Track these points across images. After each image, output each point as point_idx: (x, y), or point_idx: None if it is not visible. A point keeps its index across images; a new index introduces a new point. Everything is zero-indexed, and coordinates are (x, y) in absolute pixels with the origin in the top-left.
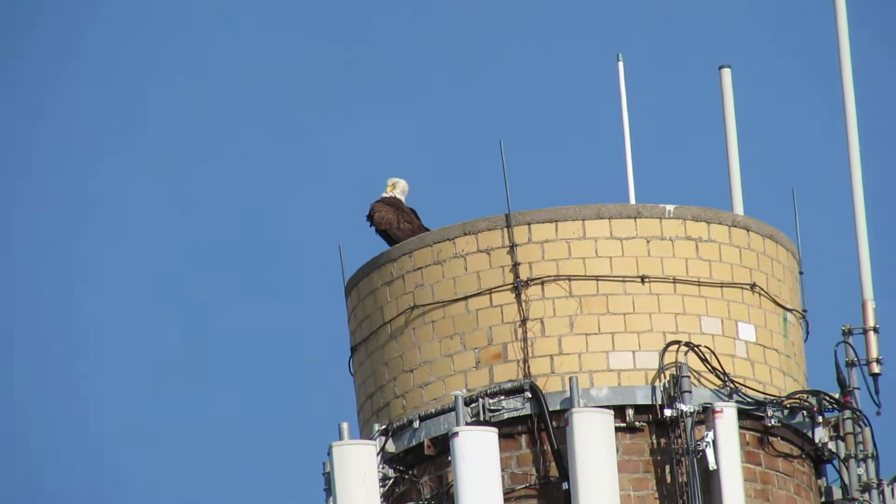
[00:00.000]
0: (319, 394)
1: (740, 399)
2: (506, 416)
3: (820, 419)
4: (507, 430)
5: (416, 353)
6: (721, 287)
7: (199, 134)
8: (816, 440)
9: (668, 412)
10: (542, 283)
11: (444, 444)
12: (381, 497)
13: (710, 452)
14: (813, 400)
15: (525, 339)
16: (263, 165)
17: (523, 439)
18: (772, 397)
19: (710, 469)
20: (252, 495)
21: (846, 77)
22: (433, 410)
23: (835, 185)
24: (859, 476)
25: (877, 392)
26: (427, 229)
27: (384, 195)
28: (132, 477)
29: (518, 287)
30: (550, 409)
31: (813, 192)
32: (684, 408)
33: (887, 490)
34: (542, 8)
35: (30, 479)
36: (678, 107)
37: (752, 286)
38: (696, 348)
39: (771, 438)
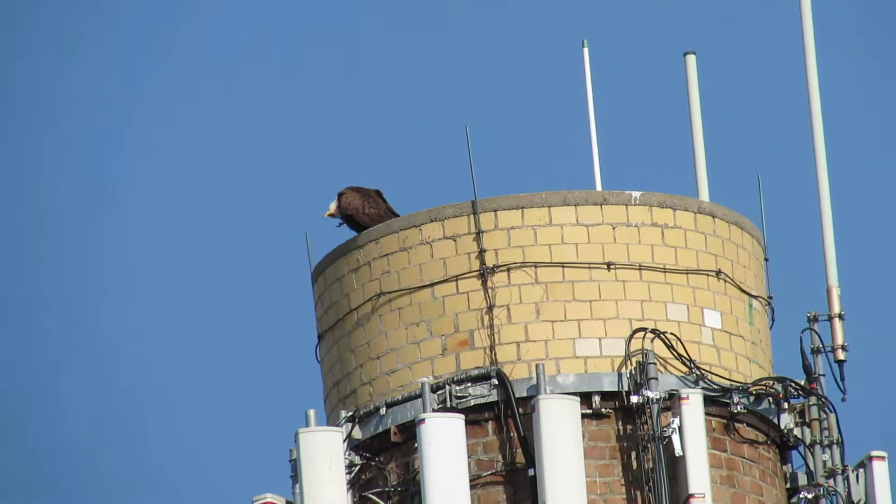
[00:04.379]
0: (286, 381)
1: (706, 386)
2: (472, 402)
3: (785, 406)
4: (474, 417)
5: (382, 340)
6: (687, 274)
7: (163, 120)
8: (782, 426)
9: (634, 399)
10: (509, 270)
11: (410, 431)
12: (347, 484)
13: (676, 439)
14: (778, 386)
15: (491, 326)
16: (229, 152)
17: (490, 426)
18: (737, 384)
19: (677, 455)
20: (219, 482)
21: (810, 64)
22: (400, 397)
23: (800, 172)
24: (824, 462)
25: (842, 379)
26: (394, 211)
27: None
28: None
29: (484, 274)
30: (517, 395)
31: (778, 179)
32: (650, 394)
33: (852, 476)
34: None
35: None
36: (644, 93)
37: (718, 273)
38: (662, 335)
39: (737, 425)
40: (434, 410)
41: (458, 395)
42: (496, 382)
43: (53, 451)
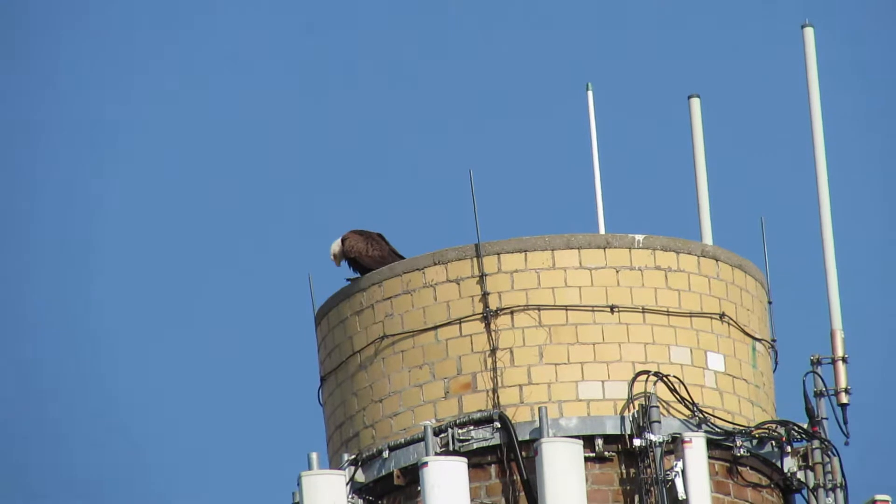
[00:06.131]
0: (288, 424)
1: (709, 429)
2: (475, 445)
3: (789, 449)
4: (477, 460)
5: (385, 383)
6: (690, 317)
7: (167, 152)
8: (785, 470)
9: (637, 442)
10: (512, 313)
11: (413, 474)
12: None
13: (679, 482)
14: (782, 430)
15: (494, 369)
16: (233, 192)
17: (493, 469)
18: (741, 427)
19: (680, 499)
20: None
21: (815, 107)
22: (402, 440)
23: (803, 215)
24: None
25: (845, 422)
26: (398, 253)
27: (336, 249)
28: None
29: (487, 317)
30: (520, 438)
31: (781, 222)
32: (653, 438)
33: None
34: (512, 37)
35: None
36: (647, 136)
37: (721, 316)
38: (665, 378)
39: (740, 468)
40: (437, 454)
41: (461, 438)
42: (499, 425)
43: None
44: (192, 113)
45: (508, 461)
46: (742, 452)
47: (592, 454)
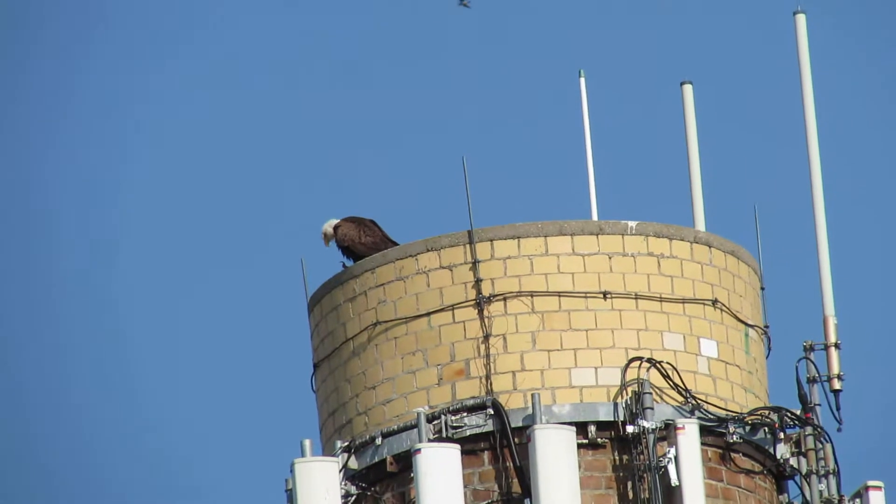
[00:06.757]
0: (281, 410)
1: (702, 415)
2: (468, 432)
3: (781, 435)
4: (470, 447)
5: (378, 369)
6: (683, 303)
7: (163, 146)
8: (778, 456)
9: (630, 428)
10: (505, 300)
11: (406, 461)
12: None
13: (672, 468)
14: (774, 416)
15: (487, 356)
16: (228, 180)
17: (486, 456)
18: (734, 413)
19: (673, 485)
20: None
21: (807, 93)
22: (395, 427)
23: (796, 201)
24: (821, 492)
25: (838, 408)
26: (391, 239)
27: (329, 231)
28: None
29: (480, 303)
30: (513, 425)
31: (774, 209)
32: (646, 424)
33: None
34: (504, 23)
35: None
36: (640, 123)
37: (714, 302)
38: (658, 364)
39: (733, 454)
40: (430, 440)
41: (454, 424)
42: (492, 412)
43: (52, 469)
44: (191, 106)
45: (501, 448)
46: (735, 439)
47: (585, 441)
